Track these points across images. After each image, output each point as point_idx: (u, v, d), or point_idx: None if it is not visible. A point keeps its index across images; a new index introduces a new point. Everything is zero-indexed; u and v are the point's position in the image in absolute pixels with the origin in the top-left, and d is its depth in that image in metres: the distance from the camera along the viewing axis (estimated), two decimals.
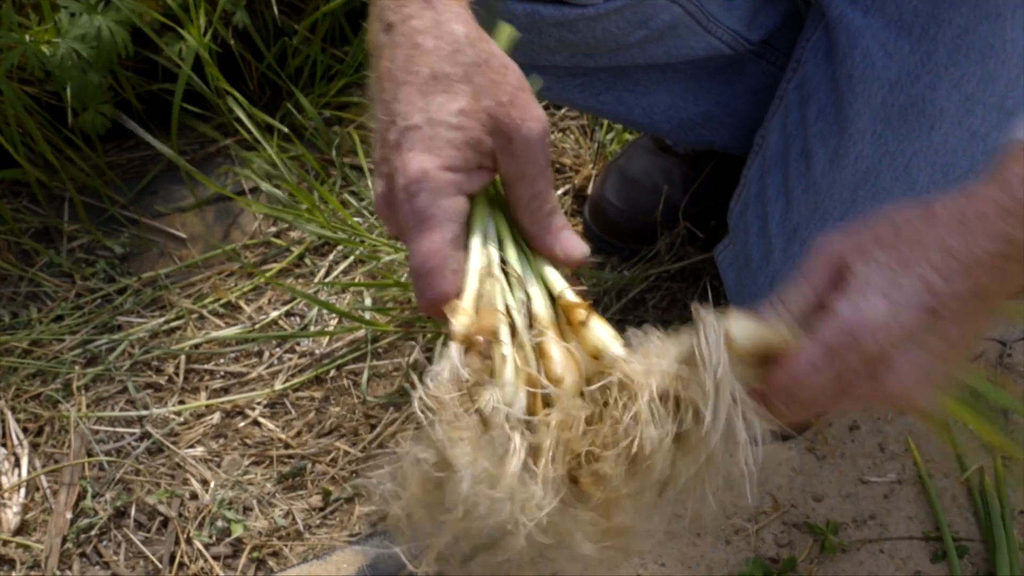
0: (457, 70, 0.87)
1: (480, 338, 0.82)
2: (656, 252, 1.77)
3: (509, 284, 0.89)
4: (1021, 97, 1.28)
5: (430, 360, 1.66)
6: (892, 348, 0.77)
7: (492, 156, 0.88)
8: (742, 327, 0.79)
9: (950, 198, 0.80)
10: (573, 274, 0.94)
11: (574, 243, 0.91)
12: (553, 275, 0.90)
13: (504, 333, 0.84)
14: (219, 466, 1.57)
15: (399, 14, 0.90)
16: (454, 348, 0.82)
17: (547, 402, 0.82)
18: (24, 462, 1.57)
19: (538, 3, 1.29)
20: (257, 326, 1.75)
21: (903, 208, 0.82)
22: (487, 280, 0.87)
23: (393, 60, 0.89)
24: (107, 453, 1.59)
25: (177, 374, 1.69)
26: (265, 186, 1.85)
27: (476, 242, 0.90)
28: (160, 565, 1.46)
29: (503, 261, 0.91)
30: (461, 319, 0.83)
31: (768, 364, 0.79)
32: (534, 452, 0.80)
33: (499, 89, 0.87)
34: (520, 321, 0.86)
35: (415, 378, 0.82)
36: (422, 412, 0.79)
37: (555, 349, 0.84)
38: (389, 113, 0.88)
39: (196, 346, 1.73)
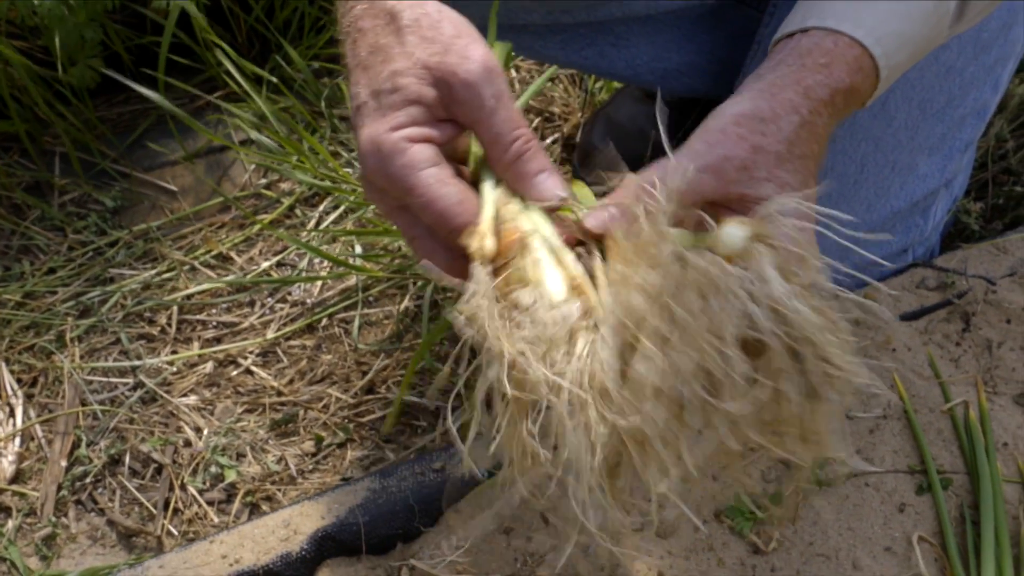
0: (390, 39, 0.89)
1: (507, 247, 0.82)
2: None
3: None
4: (996, 29, 1.28)
5: (420, 308, 1.66)
6: None
7: (445, 107, 0.88)
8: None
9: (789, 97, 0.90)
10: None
11: (547, 186, 0.88)
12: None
13: (536, 239, 0.83)
14: (212, 414, 1.59)
15: (344, 7, 0.93)
16: (477, 267, 0.81)
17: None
18: (19, 412, 1.59)
19: None
20: (248, 276, 1.76)
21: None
22: (504, 206, 0.86)
23: (346, 52, 0.92)
24: (101, 403, 1.60)
25: (169, 325, 1.71)
26: (255, 136, 1.85)
27: (486, 181, 0.89)
28: (155, 511, 1.48)
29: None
30: (478, 240, 0.83)
31: None
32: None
33: (432, 43, 0.87)
34: (549, 233, 0.84)
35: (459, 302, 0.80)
36: (466, 328, 0.78)
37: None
38: (350, 99, 0.91)
39: (188, 297, 1.74)
